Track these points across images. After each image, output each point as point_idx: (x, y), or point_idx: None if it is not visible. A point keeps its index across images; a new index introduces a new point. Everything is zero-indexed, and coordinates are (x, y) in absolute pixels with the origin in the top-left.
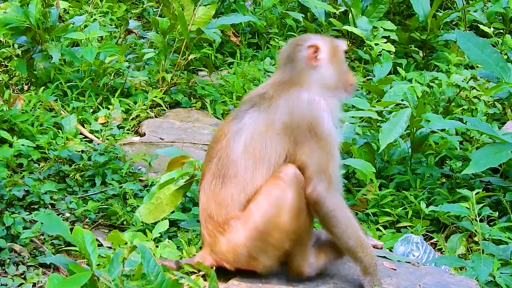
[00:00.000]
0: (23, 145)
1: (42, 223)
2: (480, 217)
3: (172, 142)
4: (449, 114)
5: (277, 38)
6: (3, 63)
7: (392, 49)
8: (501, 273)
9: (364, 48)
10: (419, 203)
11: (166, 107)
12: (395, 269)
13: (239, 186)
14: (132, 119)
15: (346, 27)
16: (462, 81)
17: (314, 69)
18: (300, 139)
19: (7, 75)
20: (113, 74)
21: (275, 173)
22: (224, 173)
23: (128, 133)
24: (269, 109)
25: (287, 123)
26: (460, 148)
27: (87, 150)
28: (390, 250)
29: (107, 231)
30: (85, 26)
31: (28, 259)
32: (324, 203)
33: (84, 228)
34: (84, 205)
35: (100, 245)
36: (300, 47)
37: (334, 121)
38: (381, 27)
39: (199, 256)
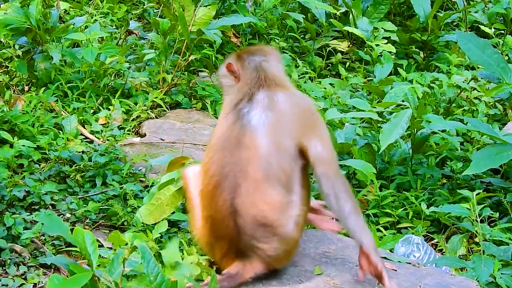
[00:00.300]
0: (23, 145)
1: (42, 224)
2: (480, 218)
3: (172, 142)
4: (450, 115)
5: (278, 39)
6: (4, 64)
7: (393, 50)
8: (501, 274)
9: (365, 49)
10: (420, 204)
11: (167, 108)
12: (396, 270)
13: (282, 184)
14: (133, 120)
15: (346, 28)
16: (463, 82)
17: (282, 69)
18: (309, 129)
19: (7, 76)
20: (113, 75)
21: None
22: (266, 177)
23: (129, 134)
24: (271, 105)
25: (295, 116)
26: (461, 149)
27: (88, 151)
28: (391, 251)
29: (108, 231)
30: (86, 27)
31: (28, 259)
32: (337, 180)
33: (84, 228)
34: (84, 205)
35: (100, 245)
36: (265, 52)
37: None
38: (382, 28)
39: (241, 269)
